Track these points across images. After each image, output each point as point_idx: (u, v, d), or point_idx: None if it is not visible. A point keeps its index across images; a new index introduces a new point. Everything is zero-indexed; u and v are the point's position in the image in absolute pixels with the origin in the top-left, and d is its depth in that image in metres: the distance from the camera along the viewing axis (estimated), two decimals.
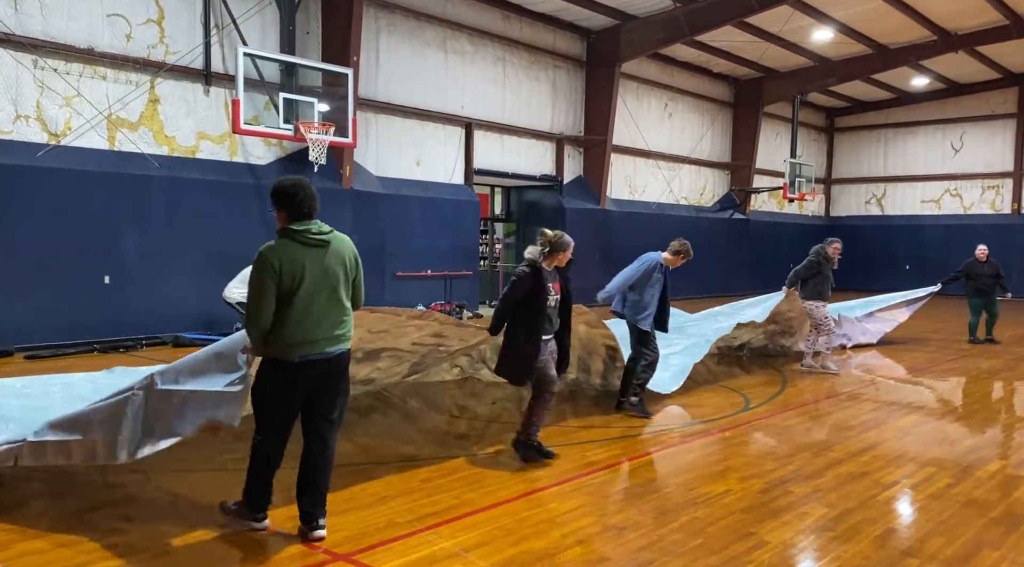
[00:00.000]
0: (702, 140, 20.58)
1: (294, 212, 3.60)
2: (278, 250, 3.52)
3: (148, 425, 3.64)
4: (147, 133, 10.47)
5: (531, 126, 16.06)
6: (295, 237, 3.57)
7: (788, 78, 20.56)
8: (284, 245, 3.55)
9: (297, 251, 3.54)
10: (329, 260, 3.64)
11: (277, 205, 3.63)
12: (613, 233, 17.64)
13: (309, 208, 3.62)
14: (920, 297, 11.55)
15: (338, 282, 3.68)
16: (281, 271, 3.47)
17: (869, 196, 25.16)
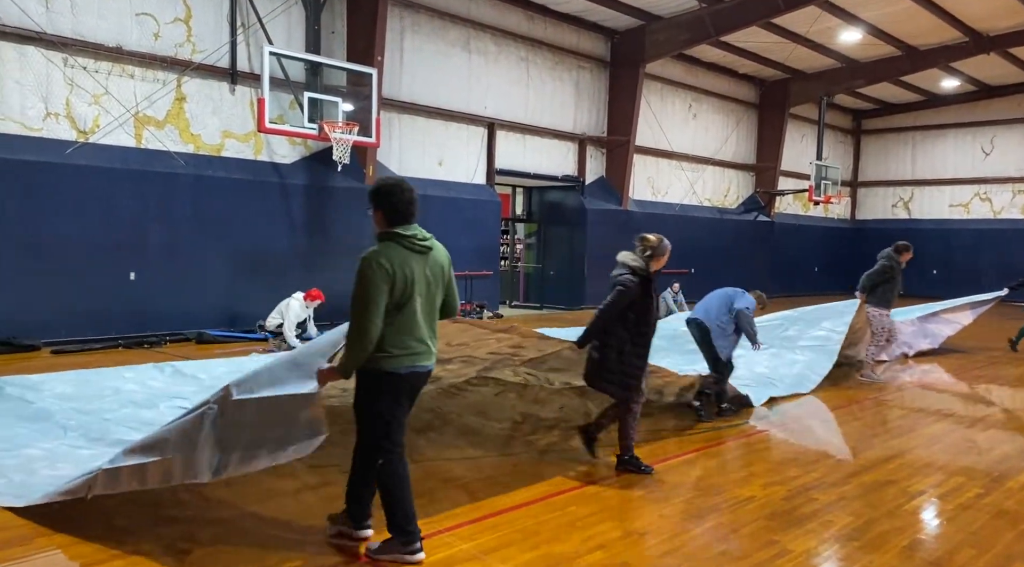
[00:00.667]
0: (727, 141, 20.41)
1: (394, 213, 3.37)
2: (388, 254, 3.27)
3: (228, 440, 3.38)
4: (173, 131, 10.57)
5: (554, 126, 16.02)
6: (402, 242, 3.33)
7: (815, 79, 20.32)
8: (392, 249, 3.30)
9: (406, 256, 3.32)
10: (431, 268, 3.42)
11: (376, 205, 3.41)
12: (635, 234, 17.46)
13: (409, 210, 3.41)
14: (986, 300, 11.16)
15: (436, 291, 3.46)
16: (395, 276, 3.23)
17: (896, 199, 24.81)
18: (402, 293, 3.27)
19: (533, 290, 17.33)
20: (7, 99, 9.15)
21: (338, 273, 11.80)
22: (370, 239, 3.94)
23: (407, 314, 3.30)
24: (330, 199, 12.09)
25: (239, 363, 7.60)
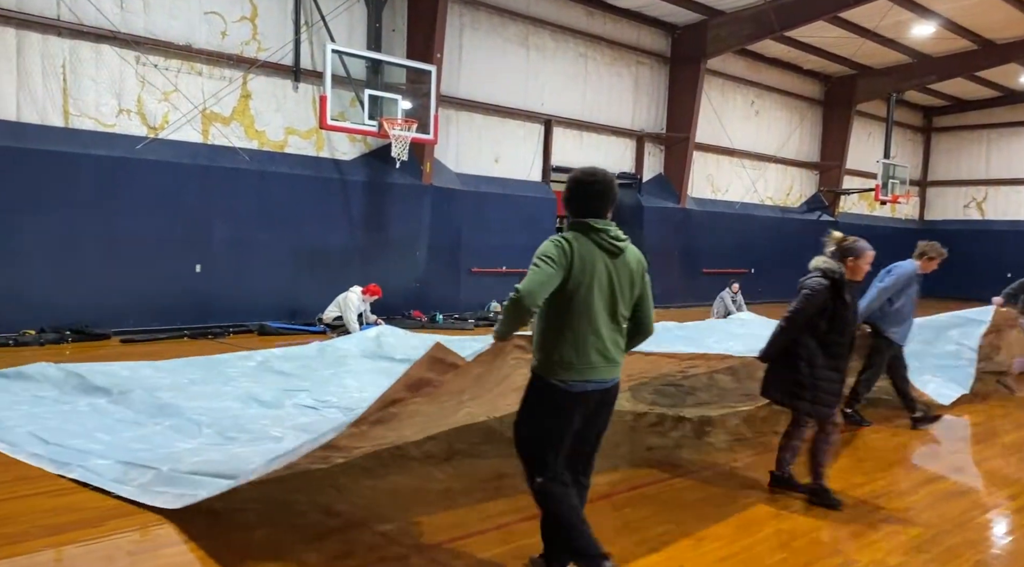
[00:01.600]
0: (790, 139, 19.92)
1: (584, 205, 3.08)
2: (572, 240, 2.99)
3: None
4: (238, 127, 10.84)
5: (611, 123, 15.87)
6: (591, 235, 3.03)
7: (883, 75, 19.66)
8: (578, 239, 3.01)
9: (592, 250, 3.00)
10: (619, 271, 3.06)
11: (567, 195, 3.16)
12: (693, 233, 17.28)
13: (601, 204, 3.09)
14: None
15: (623, 299, 3.08)
16: (573, 259, 2.94)
17: (968, 199, 23.84)
18: (578, 284, 2.95)
19: None
20: (83, 96, 9.51)
21: (394, 268, 11.95)
22: (428, 234, 3.90)
23: (583, 316, 2.98)
24: (388, 196, 12.23)
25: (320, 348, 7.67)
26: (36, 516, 3.71)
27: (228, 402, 5.68)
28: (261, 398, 5.77)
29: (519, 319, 2.96)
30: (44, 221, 9.05)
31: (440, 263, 12.87)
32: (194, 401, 5.62)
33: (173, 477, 3.98)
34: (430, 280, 12.68)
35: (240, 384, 6.27)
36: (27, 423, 5.00)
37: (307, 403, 5.67)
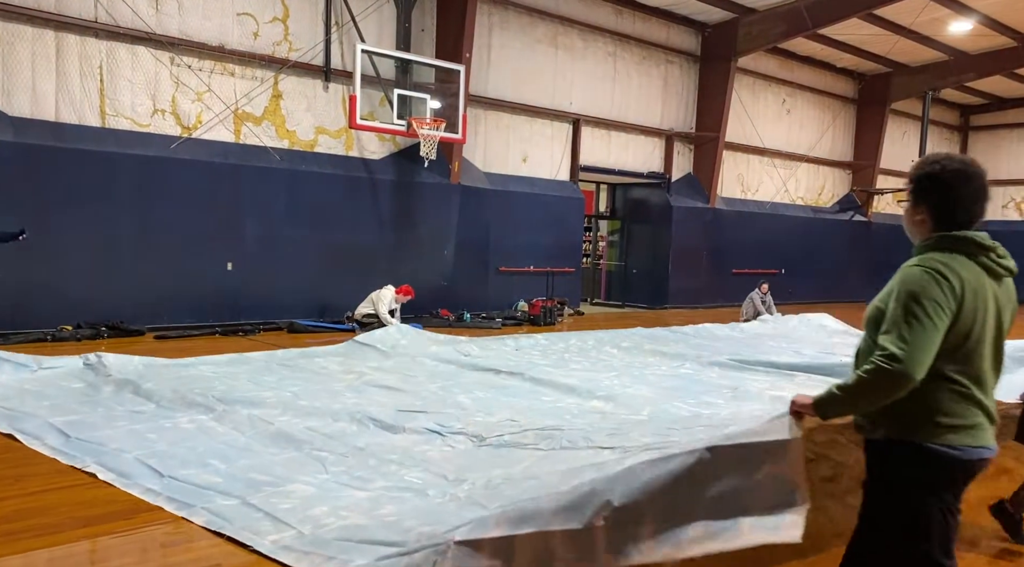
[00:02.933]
0: (822, 138, 19.65)
1: (964, 210, 2.27)
2: (954, 267, 2.16)
3: (638, 507, 2.42)
4: (270, 127, 10.97)
5: (640, 122, 15.79)
6: (978, 256, 2.22)
7: (919, 73, 19.29)
8: (959, 262, 2.19)
9: (980, 278, 2.19)
10: (1003, 300, 2.25)
11: (922, 195, 2.31)
12: (722, 233, 17.12)
13: (982, 208, 2.33)
14: None
15: (1003, 336, 2.26)
16: (963, 297, 2.12)
17: (1007, 200, 23.31)
18: (968, 330, 2.14)
19: (615, 288, 17.15)
20: (119, 96, 9.70)
21: (422, 267, 12.01)
22: (456, 233, 3.78)
23: (970, 364, 2.16)
24: (417, 195, 12.30)
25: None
26: (72, 508, 3.80)
27: (343, 423, 5.17)
28: (377, 418, 5.24)
29: (888, 396, 2.10)
30: (81, 219, 9.24)
31: (468, 262, 12.91)
32: (305, 420, 5.21)
33: (318, 540, 3.39)
34: (458, 279, 12.73)
35: (347, 399, 5.84)
36: (132, 445, 4.62)
37: (429, 427, 5.08)
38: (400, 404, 5.71)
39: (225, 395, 5.72)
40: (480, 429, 4.97)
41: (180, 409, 5.45)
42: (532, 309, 12.57)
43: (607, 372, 7.41)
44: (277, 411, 5.40)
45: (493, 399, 5.97)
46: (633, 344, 9.20)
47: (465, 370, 7.16)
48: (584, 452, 4.35)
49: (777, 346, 9.86)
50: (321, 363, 7.27)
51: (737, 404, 5.92)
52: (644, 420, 5.28)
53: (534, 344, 8.85)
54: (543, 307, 12.50)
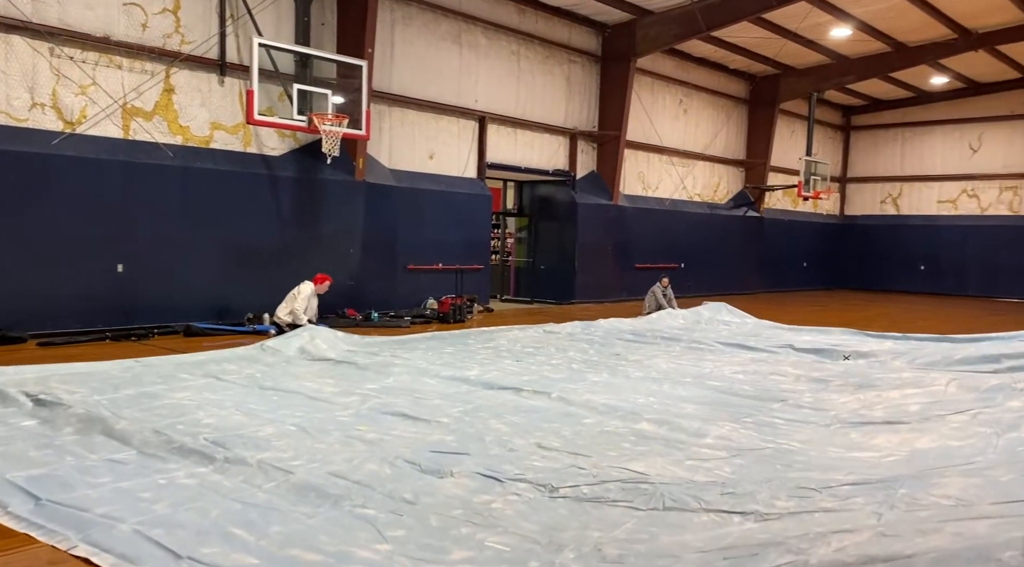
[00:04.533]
0: (717, 137, 20.46)
1: None
2: None
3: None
4: (161, 122, 10.49)
5: (545, 120, 16.00)
6: None
7: (805, 75, 20.38)
8: None
9: None
10: None
11: None
12: (626, 229, 17.58)
13: None
14: None
15: None
16: None
17: (885, 196, 24.94)
18: None
19: (524, 284, 17.33)
20: None
21: (327, 266, 11.77)
22: (362, 231, 3.66)
23: None
24: (320, 192, 12.04)
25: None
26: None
27: (372, 465, 4.41)
28: (411, 459, 4.53)
29: None
30: None
31: (375, 260, 12.74)
32: (326, 464, 4.43)
33: None
34: (365, 278, 12.54)
35: (364, 433, 5.13)
36: (125, 510, 3.66)
37: (480, 471, 4.33)
38: (427, 437, 5.03)
39: (220, 436, 4.88)
40: (545, 476, 4.26)
41: (171, 457, 4.51)
42: (441, 307, 12.55)
43: (627, 379, 7.37)
44: (288, 454, 4.56)
45: (531, 426, 5.40)
46: (628, 342, 9.99)
47: (478, 389, 6.65)
48: (701, 517, 3.70)
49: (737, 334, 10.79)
50: (312, 386, 6.56)
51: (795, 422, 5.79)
52: (728, 458, 4.73)
53: (530, 352, 8.86)
54: (452, 305, 12.49)
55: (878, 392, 7.09)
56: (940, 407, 6.32)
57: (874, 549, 2.85)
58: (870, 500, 3.74)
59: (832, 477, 4.29)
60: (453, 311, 12.36)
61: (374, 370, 7.37)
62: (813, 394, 7.00)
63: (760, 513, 3.67)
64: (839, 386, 7.41)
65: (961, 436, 5.32)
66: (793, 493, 3.97)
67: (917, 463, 4.63)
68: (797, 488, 4.05)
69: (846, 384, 7.49)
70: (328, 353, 8.16)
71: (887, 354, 9.06)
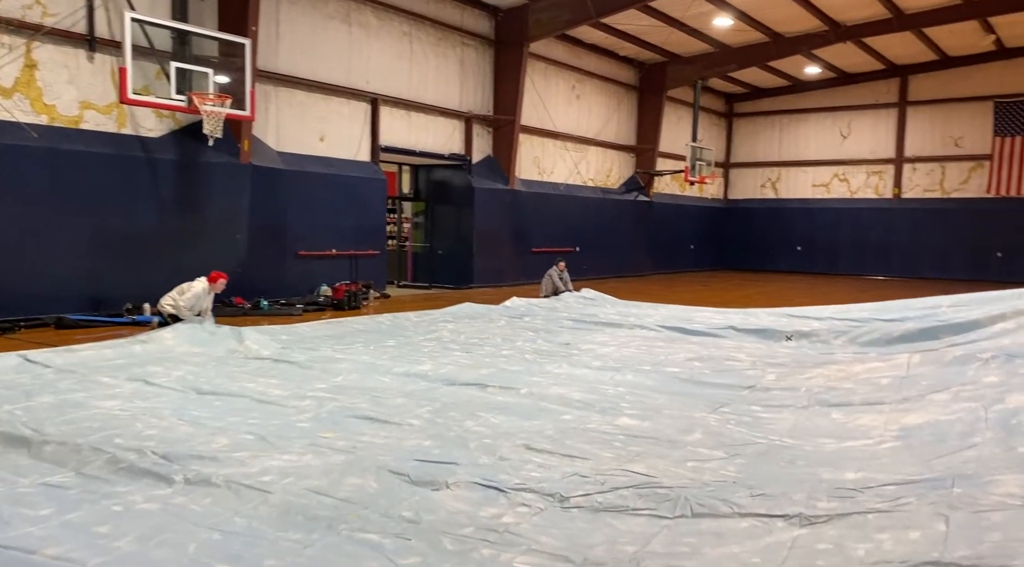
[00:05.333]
0: (609, 122, 20.90)
1: None
2: None
3: None
4: (23, 101, 9.71)
5: (439, 104, 15.88)
6: None
7: (690, 63, 21.10)
8: None
9: None
10: None
11: None
12: (522, 214, 17.73)
13: None
14: None
15: None
16: None
17: (764, 180, 26.23)
18: None
19: (421, 269, 17.21)
20: None
21: (212, 252, 11.28)
22: (248, 216, 3.52)
23: None
24: (202, 175, 11.50)
25: None
26: None
27: (354, 478, 3.95)
28: (395, 469, 4.10)
29: None
30: None
31: (263, 246, 12.31)
32: (302, 478, 3.95)
33: None
34: (253, 264, 12.09)
35: (332, 441, 4.62)
36: (84, 550, 3.11)
37: (479, 481, 3.95)
38: (403, 443, 4.62)
39: (168, 449, 4.31)
40: (548, 484, 3.95)
41: (118, 479, 3.91)
42: (336, 293, 12.28)
43: (588, 369, 7.09)
44: (255, 469, 4.06)
45: (511, 426, 5.03)
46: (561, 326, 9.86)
47: (439, 385, 6.27)
48: (740, 523, 3.45)
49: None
50: (256, 388, 6.01)
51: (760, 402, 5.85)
52: (728, 458, 4.53)
53: (476, 343, 8.53)
54: (347, 291, 12.25)
55: (840, 367, 7.26)
56: (912, 383, 6.37)
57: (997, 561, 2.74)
58: (923, 500, 3.47)
59: (847, 474, 4.12)
60: (348, 298, 12.13)
61: (319, 368, 6.85)
62: (777, 376, 6.99)
63: (804, 516, 3.43)
64: (798, 366, 7.48)
65: (948, 412, 5.29)
66: (832, 493, 3.71)
67: (916, 446, 4.61)
68: (834, 488, 3.79)
69: (803, 364, 7.55)
70: (262, 351, 7.60)
71: (827, 333, 9.04)
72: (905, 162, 23.37)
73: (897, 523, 3.26)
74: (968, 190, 22.36)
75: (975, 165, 22.14)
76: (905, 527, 3.20)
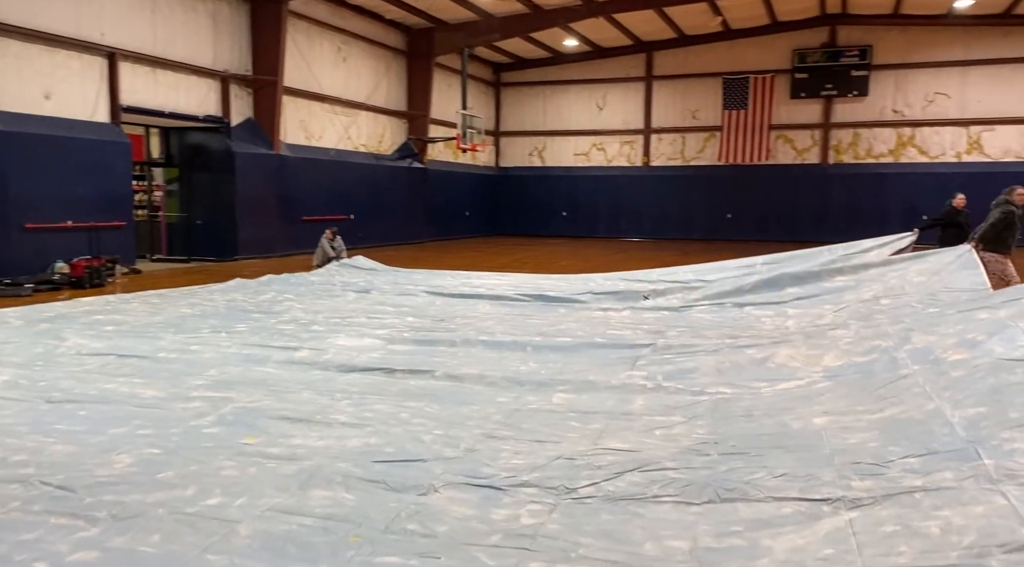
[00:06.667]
0: (378, 87, 20.56)
1: None
2: None
3: None
4: None
5: (190, 61, 14.62)
6: None
7: (457, 31, 21.29)
8: None
9: None
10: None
11: None
12: (290, 180, 16.98)
13: None
14: (895, 242, 9.91)
15: None
16: None
17: (532, 148, 27.38)
18: None
19: (178, 241, 15.89)
20: None
21: None
22: None
23: None
24: None
25: None
26: None
27: (319, 491, 3.47)
28: (366, 476, 3.63)
29: None
30: None
31: None
32: (257, 498, 3.39)
33: None
34: None
35: (240, 443, 4.07)
36: None
37: (471, 481, 3.61)
38: (345, 444, 4.08)
39: (58, 475, 3.51)
40: (541, 475, 3.64)
41: (18, 522, 3.09)
42: (74, 271, 11.01)
43: (486, 347, 6.54)
44: (191, 491, 3.41)
45: (452, 415, 4.64)
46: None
47: (336, 374, 5.64)
48: (781, 509, 3.24)
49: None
50: (119, 390, 5.11)
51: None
52: (688, 422, 4.45)
53: (337, 323, 7.67)
54: (88, 267, 11.02)
55: (719, 314, 7.84)
56: (807, 320, 7.06)
57: None
58: (960, 474, 3.28)
59: (814, 420, 4.29)
60: (89, 275, 10.93)
61: (181, 361, 5.92)
62: (669, 331, 7.10)
63: (848, 499, 3.23)
64: (681, 319, 7.80)
65: (861, 350, 5.59)
66: (858, 470, 3.52)
67: (850, 383, 4.90)
68: (852, 464, 3.60)
69: (681, 319, 7.84)
70: (94, 342, 6.52)
71: (680, 290, 9.22)
72: (652, 133, 25.55)
73: (951, 500, 3.08)
74: (704, 158, 25.00)
75: (709, 135, 24.78)
76: (962, 503, 3.03)
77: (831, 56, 22.79)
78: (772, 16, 22.17)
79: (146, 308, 8.45)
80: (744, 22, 22.63)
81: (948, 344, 5.12)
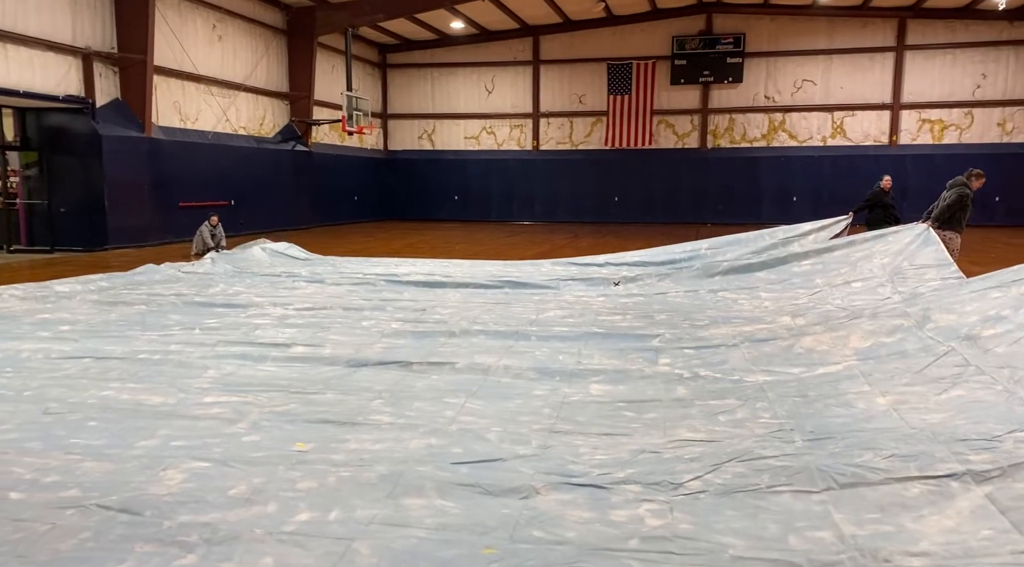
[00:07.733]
0: (257, 67, 19.71)
1: None
2: None
3: None
4: None
5: (45, 36, 13.51)
6: None
7: (340, 10, 20.69)
8: None
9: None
10: None
11: None
12: (164, 165, 16.06)
13: None
14: (831, 225, 10.27)
15: None
16: None
17: (421, 132, 27.07)
18: None
19: (38, 231, 14.73)
20: None
21: None
22: None
23: None
24: None
25: None
26: None
27: (412, 499, 3.27)
28: (447, 480, 3.44)
29: None
30: None
31: None
32: (348, 510, 3.15)
33: None
34: None
35: (291, 450, 3.79)
36: None
37: (558, 480, 3.44)
38: (406, 445, 3.84)
39: (113, 496, 3.21)
40: (633, 471, 3.48)
41: (89, 556, 2.77)
42: None
43: (486, 336, 6.35)
44: (272, 508, 3.15)
45: (501, 410, 4.45)
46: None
47: (350, 370, 5.35)
48: (910, 490, 3.16)
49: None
50: (119, 397, 4.65)
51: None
52: (746, 403, 4.41)
53: (314, 318, 7.22)
54: None
55: (714, 295, 8.05)
56: (804, 308, 7.14)
57: None
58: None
59: (877, 399, 4.33)
60: None
61: (168, 363, 5.50)
62: (658, 315, 7.24)
63: (975, 472, 3.18)
64: (659, 303, 7.90)
65: (886, 330, 5.65)
66: (969, 446, 3.47)
67: (883, 360, 5.04)
68: (959, 441, 3.55)
69: (659, 303, 7.92)
70: (59, 345, 5.95)
71: (650, 277, 9.25)
72: (541, 117, 25.80)
73: None
74: (591, 143, 25.50)
75: (595, 120, 25.28)
76: None
77: (708, 43, 23.71)
78: (652, 3, 22.80)
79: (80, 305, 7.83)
80: (626, 8, 23.16)
81: (972, 322, 5.22)
